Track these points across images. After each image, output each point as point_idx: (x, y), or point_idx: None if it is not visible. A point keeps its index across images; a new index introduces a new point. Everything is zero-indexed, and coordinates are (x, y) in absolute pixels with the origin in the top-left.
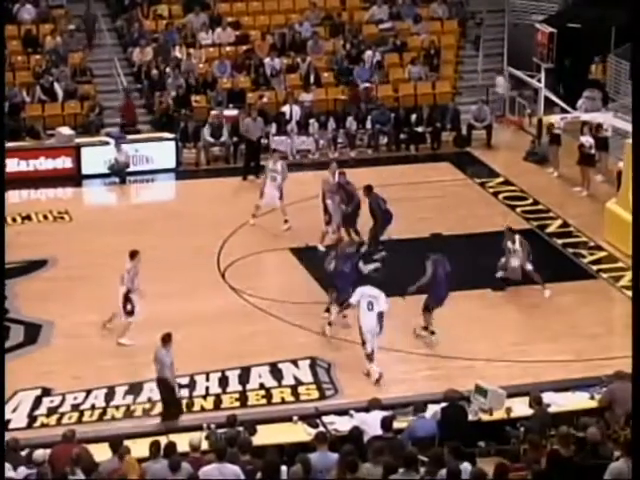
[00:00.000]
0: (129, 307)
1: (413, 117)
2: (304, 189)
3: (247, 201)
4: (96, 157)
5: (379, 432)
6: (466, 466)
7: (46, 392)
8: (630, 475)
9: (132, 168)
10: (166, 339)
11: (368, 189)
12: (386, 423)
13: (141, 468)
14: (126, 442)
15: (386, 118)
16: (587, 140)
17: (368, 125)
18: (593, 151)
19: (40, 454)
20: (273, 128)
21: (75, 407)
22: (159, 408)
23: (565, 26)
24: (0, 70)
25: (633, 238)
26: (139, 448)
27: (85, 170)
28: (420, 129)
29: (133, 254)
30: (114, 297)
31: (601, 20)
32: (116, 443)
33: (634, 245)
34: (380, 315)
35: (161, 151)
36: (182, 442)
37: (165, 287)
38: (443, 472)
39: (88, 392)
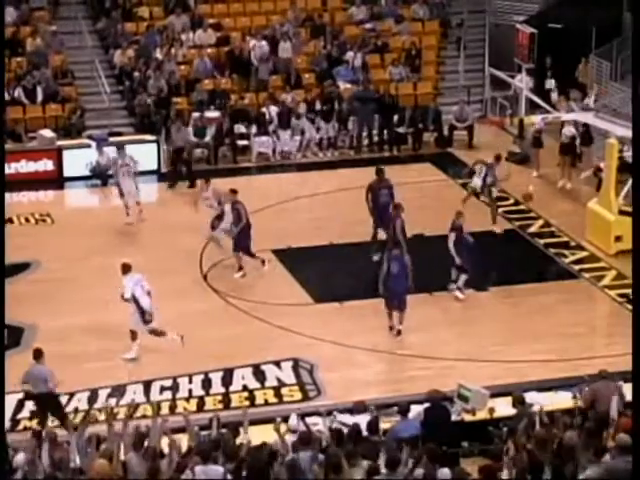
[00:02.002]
0: (147, 317)
1: (395, 118)
2: (287, 190)
3: None
4: (78, 160)
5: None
6: (445, 471)
7: (29, 395)
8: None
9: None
10: (37, 355)
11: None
12: (372, 425)
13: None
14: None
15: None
16: (569, 130)
17: (350, 126)
18: (577, 142)
19: (21, 458)
20: (254, 129)
21: None
22: (142, 410)
23: (546, 27)
24: (0, 70)
25: (633, 238)
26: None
27: (67, 173)
28: (402, 130)
29: (125, 268)
30: (97, 299)
31: (582, 20)
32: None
33: (634, 244)
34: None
35: (143, 153)
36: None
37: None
38: (419, 472)
39: (71, 395)
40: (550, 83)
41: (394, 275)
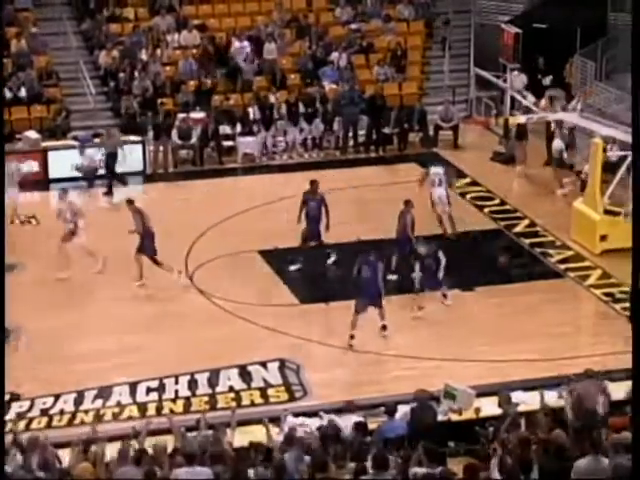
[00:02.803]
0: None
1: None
2: (273, 191)
3: (215, 203)
4: (63, 161)
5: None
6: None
7: (15, 397)
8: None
9: (100, 172)
10: None
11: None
12: (360, 427)
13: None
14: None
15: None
16: (558, 143)
17: (336, 127)
18: (565, 155)
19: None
20: (238, 128)
21: (44, 412)
22: (129, 412)
23: (531, 27)
24: None
25: (633, 238)
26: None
27: (52, 174)
28: (387, 130)
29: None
30: (83, 300)
31: (566, 20)
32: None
33: (634, 245)
34: None
35: (128, 154)
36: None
37: (133, 290)
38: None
39: (57, 397)
40: (546, 80)
41: (365, 279)
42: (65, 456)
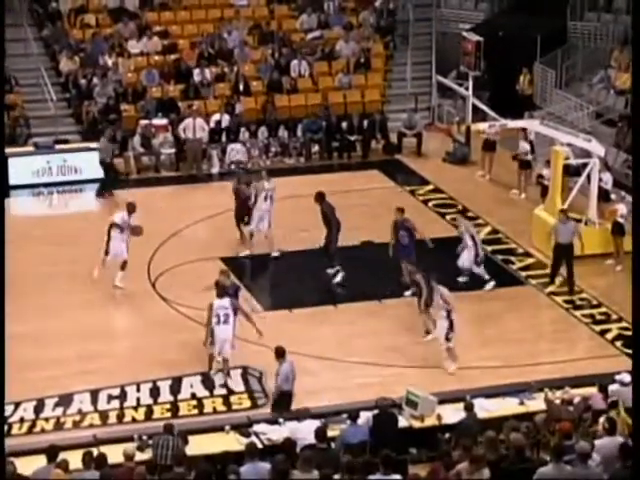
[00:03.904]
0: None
1: (344, 125)
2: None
3: (178, 210)
4: (23, 168)
5: (312, 441)
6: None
7: None
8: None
9: (61, 179)
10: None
11: (320, 196)
12: (320, 433)
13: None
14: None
15: (317, 126)
16: (523, 146)
17: (299, 133)
18: (529, 157)
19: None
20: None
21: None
22: (90, 420)
23: (492, 35)
24: (0, 70)
25: (633, 238)
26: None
27: (13, 181)
28: (352, 137)
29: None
30: (43, 308)
31: (527, 28)
32: (52, 454)
33: (634, 245)
34: None
35: (89, 161)
36: (113, 453)
37: (96, 297)
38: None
39: (17, 405)
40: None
41: None
42: (24, 465)
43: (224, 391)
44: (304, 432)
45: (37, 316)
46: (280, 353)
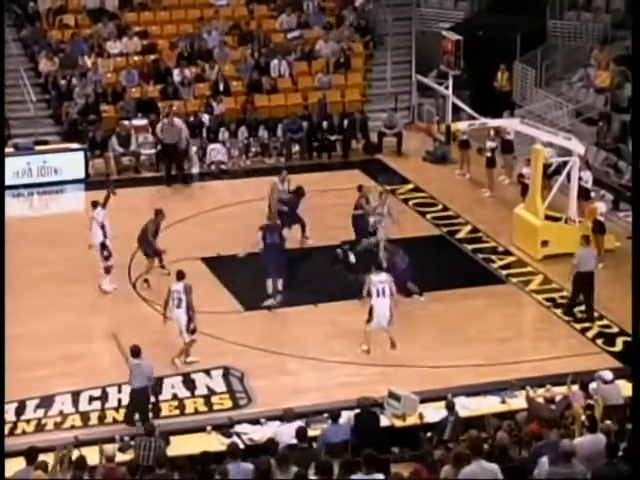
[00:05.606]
0: (192, 326)
1: (324, 125)
2: (217, 199)
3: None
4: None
5: (293, 441)
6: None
7: None
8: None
9: (41, 179)
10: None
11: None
12: (300, 433)
13: None
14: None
15: (297, 126)
16: (490, 144)
17: (279, 133)
18: (489, 154)
19: None
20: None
21: None
22: (71, 421)
23: (472, 33)
24: (0, 70)
25: (633, 238)
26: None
27: None
28: (332, 137)
29: (180, 275)
30: (22, 309)
31: (507, 27)
32: (31, 456)
33: (634, 244)
34: None
35: (70, 162)
36: (93, 455)
37: (76, 298)
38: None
39: None
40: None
41: None
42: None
43: (206, 391)
44: (286, 433)
45: (17, 318)
46: (135, 352)
